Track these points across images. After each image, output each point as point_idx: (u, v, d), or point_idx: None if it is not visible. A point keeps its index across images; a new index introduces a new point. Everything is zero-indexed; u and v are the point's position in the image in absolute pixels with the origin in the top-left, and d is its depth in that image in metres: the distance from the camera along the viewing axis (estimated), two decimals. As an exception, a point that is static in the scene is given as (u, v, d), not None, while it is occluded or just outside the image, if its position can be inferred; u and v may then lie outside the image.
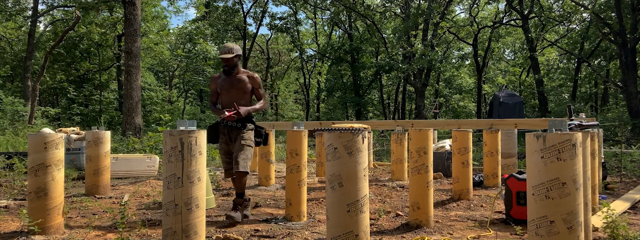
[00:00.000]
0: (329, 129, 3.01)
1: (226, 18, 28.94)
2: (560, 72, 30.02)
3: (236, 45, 4.54)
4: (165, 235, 2.94)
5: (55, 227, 3.77)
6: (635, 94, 17.29)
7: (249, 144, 4.36)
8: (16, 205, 5.01)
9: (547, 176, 2.46)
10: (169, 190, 2.93)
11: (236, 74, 4.52)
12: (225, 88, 4.53)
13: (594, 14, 19.47)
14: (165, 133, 2.96)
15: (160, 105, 26.26)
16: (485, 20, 29.83)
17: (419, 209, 4.11)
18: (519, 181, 4.28)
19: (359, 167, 2.90)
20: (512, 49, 35.00)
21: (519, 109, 17.29)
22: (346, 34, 30.94)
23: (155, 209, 4.99)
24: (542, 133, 2.49)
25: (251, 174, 8.26)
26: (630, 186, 6.78)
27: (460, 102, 34.31)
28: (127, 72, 13.53)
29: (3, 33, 24.78)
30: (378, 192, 6.30)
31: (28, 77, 20.31)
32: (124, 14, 14.34)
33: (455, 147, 5.86)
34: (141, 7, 15.43)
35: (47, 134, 3.80)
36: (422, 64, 21.72)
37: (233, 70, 4.48)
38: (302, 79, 36.05)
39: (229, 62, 4.45)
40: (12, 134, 13.10)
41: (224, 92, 4.56)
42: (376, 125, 10.07)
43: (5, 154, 8.12)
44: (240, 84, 4.50)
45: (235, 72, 4.50)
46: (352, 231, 2.87)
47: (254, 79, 4.55)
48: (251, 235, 3.87)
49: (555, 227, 2.44)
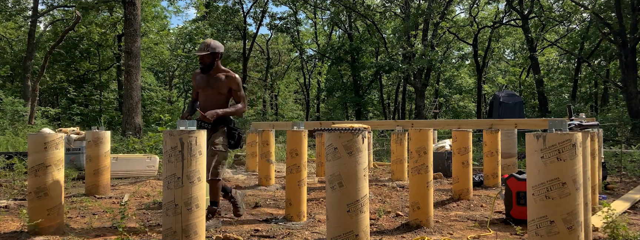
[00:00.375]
0: (329, 129, 3.01)
1: (226, 18, 28.94)
2: (560, 72, 30.02)
3: (216, 42, 4.28)
4: (165, 235, 2.94)
5: (55, 227, 3.77)
6: (635, 94, 17.29)
7: (220, 149, 4.13)
8: (16, 205, 5.01)
9: (547, 176, 2.46)
10: (169, 190, 2.93)
11: (215, 73, 4.29)
12: (201, 87, 4.33)
13: (594, 14, 19.47)
14: (165, 133, 2.96)
15: (160, 105, 26.27)
16: (485, 20, 29.83)
17: (419, 209, 4.11)
18: (519, 181, 4.28)
19: (359, 167, 2.91)
20: (512, 49, 35.00)
21: (519, 109, 17.29)
22: (346, 34, 30.94)
23: (155, 209, 4.99)
24: (542, 133, 2.49)
25: (251, 174, 8.26)
26: (630, 186, 6.78)
27: (460, 102, 34.31)
28: (127, 72, 13.53)
29: (3, 33, 24.78)
30: (378, 192, 6.29)
31: (28, 77, 20.32)
32: (124, 14, 14.34)
33: (455, 147, 5.86)
34: (141, 7, 15.43)
35: (47, 134, 3.80)
36: (422, 64, 21.72)
37: (210, 69, 4.25)
38: (302, 79, 36.05)
39: (203, 60, 4.23)
40: (12, 134, 13.10)
41: (200, 91, 4.37)
42: (376, 125, 10.07)
43: (5, 154, 8.12)
44: (216, 84, 4.25)
45: (213, 70, 4.28)
46: (352, 231, 2.87)
47: (232, 79, 4.28)
48: (251, 235, 3.87)
49: (555, 227, 2.44)
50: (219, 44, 4.28)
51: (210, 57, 4.22)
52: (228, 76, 4.27)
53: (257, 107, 34.90)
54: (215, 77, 4.27)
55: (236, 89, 4.30)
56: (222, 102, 4.31)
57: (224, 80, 4.25)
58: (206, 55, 4.20)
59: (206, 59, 4.22)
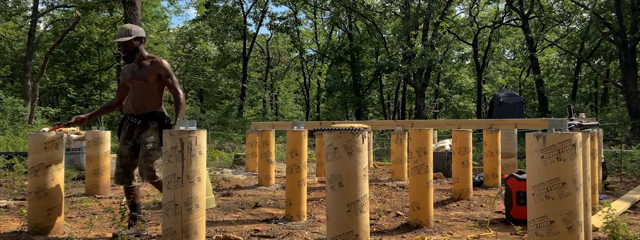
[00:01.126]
0: (329, 129, 3.01)
1: (226, 18, 28.95)
2: (560, 72, 30.02)
3: (136, 26, 3.82)
4: (165, 235, 2.94)
5: (55, 227, 3.77)
6: (635, 94, 17.29)
7: (153, 147, 3.69)
8: (16, 205, 5.01)
9: (547, 176, 2.46)
10: (169, 190, 2.93)
11: (140, 60, 3.81)
12: (128, 78, 3.84)
13: (594, 14, 19.47)
14: (165, 133, 2.96)
15: (160, 105, 26.22)
16: (485, 20, 29.83)
17: (419, 209, 4.11)
18: (519, 181, 4.28)
19: (359, 167, 2.91)
20: (512, 49, 35.00)
21: (519, 109, 17.29)
22: (346, 34, 30.95)
23: (155, 209, 4.99)
24: (542, 133, 2.49)
25: (251, 174, 8.26)
26: (630, 186, 6.78)
27: (460, 102, 34.30)
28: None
29: (3, 33, 24.78)
30: (378, 192, 6.30)
31: (28, 77, 20.31)
32: (124, 14, 14.34)
33: (455, 147, 5.86)
34: (141, 7, 15.43)
35: (47, 134, 3.80)
36: (422, 64, 21.72)
37: (134, 57, 3.77)
38: (302, 79, 36.05)
39: (127, 48, 3.74)
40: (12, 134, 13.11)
41: (128, 84, 3.87)
42: (376, 125, 10.07)
43: (5, 154, 8.13)
44: (141, 72, 3.76)
45: (138, 59, 3.80)
46: (352, 231, 2.87)
47: (159, 64, 3.76)
48: (251, 235, 3.87)
49: (555, 227, 2.44)
50: (141, 29, 3.83)
51: (133, 43, 3.74)
52: (154, 62, 3.79)
53: (257, 107, 34.91)
54: (140, 65, 3.80)
55: (165, 75, 3.77)
56: (154, 92, 3.80)
57: (150, 67, 3.77)
58: (129, 41, 3.71)
59: (129, 46, 3.73)
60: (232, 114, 26.58)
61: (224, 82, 28.33)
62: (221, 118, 24.34)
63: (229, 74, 30.53)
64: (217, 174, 7.53)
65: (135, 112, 3.79)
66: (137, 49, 3.76)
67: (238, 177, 7.89)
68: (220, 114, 25.56)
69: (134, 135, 3.77)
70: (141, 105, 3.78)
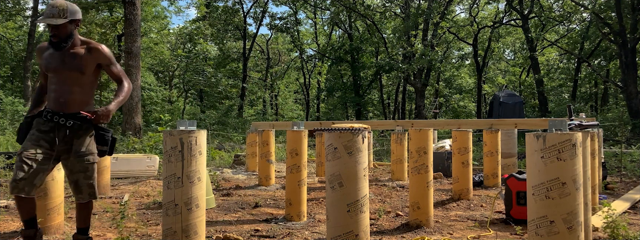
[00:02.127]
0: (329, 129, 3.01)
1: (226, 18, 28.96)
2: (560, 72, 30.02)
3: (72, 5, 3.02)
4: (165, 235, 2.94)
5: (55, 227, 3.77)
6: (635, 94, 17.29)
7: (92, 160, 3.10)
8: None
9: (547, 176, 2.46)
10: (169, 190, 2.93)
11: (71, 47, 3.06)
12: (53, 67, 3.04)
13: (594, 14, 19.46)
14: (165, 133, 2.96)
15: (160, 105, 26.27)
16: (485, 20, 29.83)
17: (419, 209, 4.11)
18: (519, 181, 4.28)
19: (359, 167, 2.91)
20: (512, 49, 35.01)
21: (519, 109, 17.29)
22: (346, 34, 30.96)
23: (155, 209, 4.99)
24: (542, 133, 2.49)
25: (251, 174, 8.26)
26: (630, 186, 6.78)
27: (460, 102, 34.30)
28: (127, 72, 13.51)
29: (3, 33, 24.78)
30: (378, 192, 6.30)
31: (28, 77, 20.33)
32: (124, 14, 14.34)
33: (455, 147, 5.86)
34: (141, 7, 15.43)
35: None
36: (422, 64, 21.73)
37: (67, 44, 3.03)
38: (302, 79, 36.06)
39: (59, 32, 2.99)
40: (12, 134, 13.11)
41: (52, 73, 3.07)
42: (376, 125, 10.07)
43: (5, 154, 8.12)
44: (75, 62, 3.03)
45: (69, 45, 3.05)
46: (352, 231, 2.87)
47: (98, 51, 3.08)
48: (251, 235, 3.87)
49: (555, 227, 2.44)
50: (77, 8, 3.06)
51: (68, 26, 3.00)
52: (91, 49, 3.08)
53: (257, 107, 34.91)
54: (71, 53, 3.05)
55: (108, 64, 3.12)
56: (86, 86, 3.11)
57: (85, 55, 3.06)
58: (63, 24, 2.97)
59: (63, 30, 2.99)
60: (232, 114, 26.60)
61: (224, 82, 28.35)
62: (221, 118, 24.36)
63: (229, 74, 30.54)
64: (217, 174, 7.53)
65: (61, 110, 3.04)
66: (71, 34, 3.03)
67: (238, 177, 7.89)
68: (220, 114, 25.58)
69: (58, 138, 3.02)
70: (71, 102, 3.06)
